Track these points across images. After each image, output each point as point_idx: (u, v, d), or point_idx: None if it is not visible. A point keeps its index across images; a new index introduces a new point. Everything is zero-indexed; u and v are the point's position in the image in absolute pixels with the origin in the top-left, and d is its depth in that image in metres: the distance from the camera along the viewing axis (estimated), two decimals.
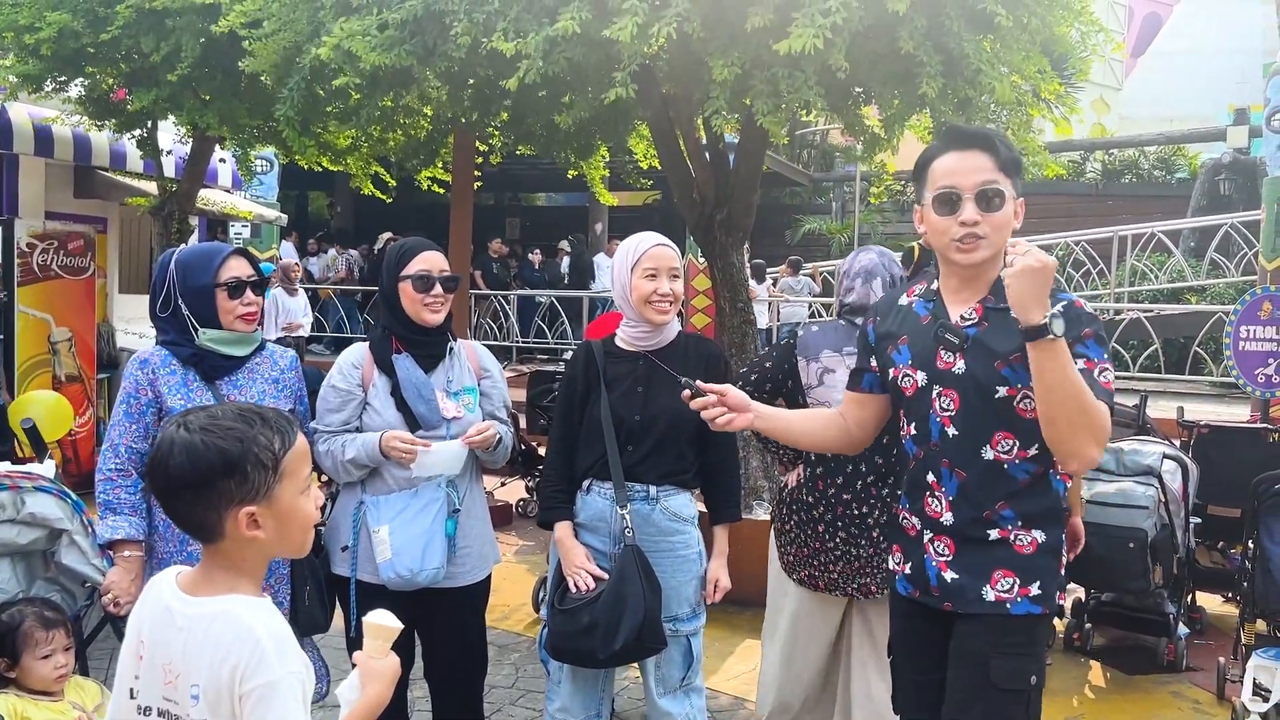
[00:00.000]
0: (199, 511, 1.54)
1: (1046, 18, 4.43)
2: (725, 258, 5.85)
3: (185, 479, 1.52)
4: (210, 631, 1.51)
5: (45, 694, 2.63)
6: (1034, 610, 2.20)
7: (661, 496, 2.90)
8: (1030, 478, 2.21)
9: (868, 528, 3.05)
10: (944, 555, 2.27)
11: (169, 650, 1.55)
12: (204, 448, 1.52)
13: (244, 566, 1.59)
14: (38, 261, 7.33)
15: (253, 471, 1.53)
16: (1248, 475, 4.32)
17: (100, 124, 7.60)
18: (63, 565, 2.81)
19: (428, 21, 4.50)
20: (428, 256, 2.98)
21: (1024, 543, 2.21)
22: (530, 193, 22.50)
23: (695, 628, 2.97)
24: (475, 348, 3.19)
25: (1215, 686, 4.46)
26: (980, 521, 2.23)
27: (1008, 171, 2.17)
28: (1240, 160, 14.16)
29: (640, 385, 2.91)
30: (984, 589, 2.21)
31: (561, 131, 6.55)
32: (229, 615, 1.52)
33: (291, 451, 1.58)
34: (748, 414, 2.37)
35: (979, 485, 2.22)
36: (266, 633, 1.51)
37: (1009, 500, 2.21)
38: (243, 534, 1.54)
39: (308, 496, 1.62)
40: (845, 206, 18.59)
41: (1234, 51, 18.58)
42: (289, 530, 1.59)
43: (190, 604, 1.56)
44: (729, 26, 4.15)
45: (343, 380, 2.98)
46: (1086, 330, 2.13)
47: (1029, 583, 2.20)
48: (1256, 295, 6.54)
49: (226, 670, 1.48)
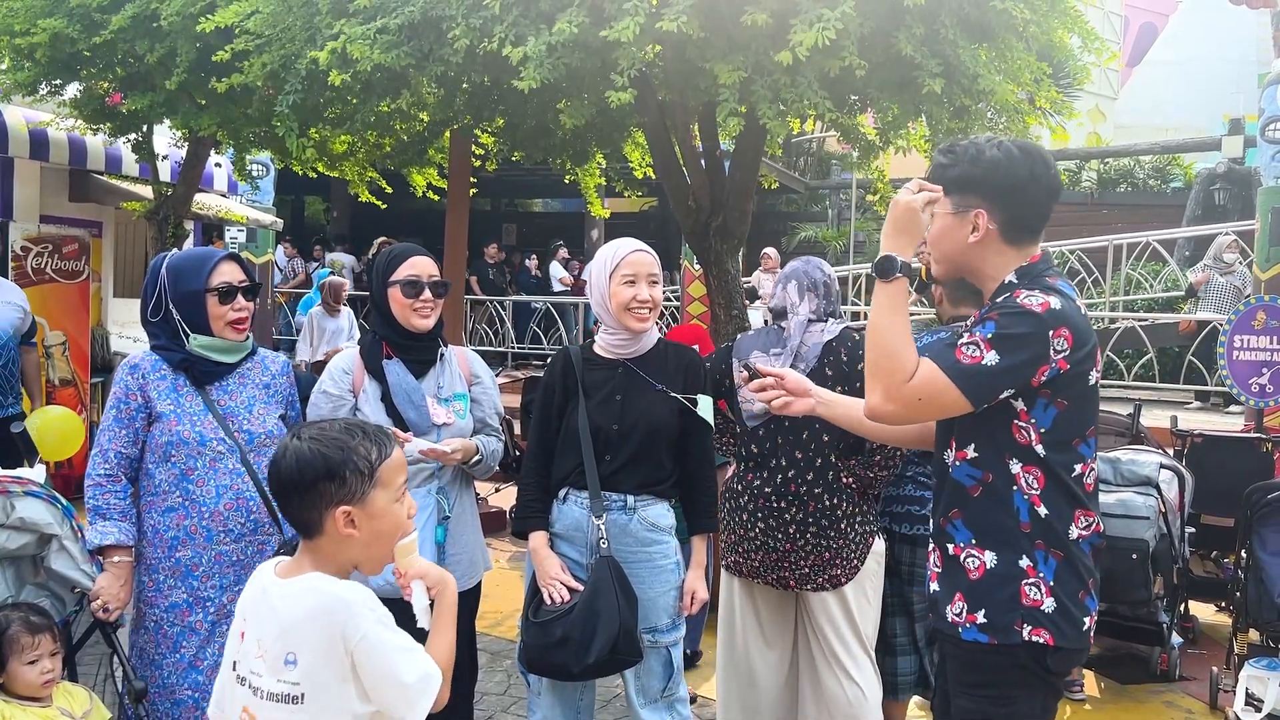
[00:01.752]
0: (304, 510, 1.80)
1: (1045, 24, 4.44)
2: (721, 264, 5.85)
3: (293, 481, 1.79)
4: (300, 602, 1.76)
5: (33, 700, 2.62)
6: (980, 639, 2.11)
7: (639, 506, 2.89)
8: (979, 487, 2.14)
9: (785, 522, 3.12)
10: (936, 566, 2.26)
11: (263, 626, 1.80)
12: (310, 454, 1.79)
13: (335, 561, 1.82)
14: (32, 265, 7.31)
15: (351, 477, 1.79)
16: (1241, 485, 4.33)
17: (95, 128, 7.58)
18: (52, 570, 2.79)
19: (424, 27, 4.50)
20: (417, 262, 2.98)
21: (973, 565, 2.15)
22: (526, 198, 22.51)
23: (675, 638, 2.96)
24: (466, 354, 3.18)
25: (1208, 696, 4.46)
26: (941, 530, 2.22)
27: (944, 189, 2.19)
28: (1235, 170, 14.19)
29: (618, 394, 2.90)
30: (947, 609, 2.19)
31: (557, 137, 6.54)
32: (316, 589, 1.77)
33: (387, 462, 1.83)
34: (808, 399, 2.39)
35: (939, 491, 2.24)
36: (349, 593, 1.76)
37: (960, 509, 2.17)
38: (340, 531, 1.79)
39: (401, 504, 1.86)
40: (841, 214, 18.60)
41: (1229, 61, 18.63)
42: (381, 531, 1.83)
43: (283, 585, 1.81)
44: (726, 33, 4.16)
45: (334, 386, 2.98)
46: (992, 314, 2.10)
47: (975, 609, 2.13)
48: (1251, 305, 6.55)
49: (331, 633, 1.73)
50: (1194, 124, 17.51)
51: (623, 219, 18.15)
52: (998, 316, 2.08)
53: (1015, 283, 2.17)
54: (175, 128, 7.02)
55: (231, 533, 2.79)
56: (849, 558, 3.12)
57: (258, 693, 1.79)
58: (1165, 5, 23.16)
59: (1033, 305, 2.07)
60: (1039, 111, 5.25)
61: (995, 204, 2.16)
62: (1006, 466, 2.12)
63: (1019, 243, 2.19)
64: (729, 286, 5.93)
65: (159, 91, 6.28)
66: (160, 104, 6.43)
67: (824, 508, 3.10)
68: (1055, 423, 2.10)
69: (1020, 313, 2.07)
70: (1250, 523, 4.04)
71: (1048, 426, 2.10)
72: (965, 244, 2.18)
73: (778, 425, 3.13)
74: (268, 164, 10.38)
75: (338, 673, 1.74)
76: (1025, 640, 2.09)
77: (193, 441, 2.77)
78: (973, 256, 2.20)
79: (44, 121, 8.33)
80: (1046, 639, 2.08)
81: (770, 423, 3.15)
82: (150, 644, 2.81)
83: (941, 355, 2.07)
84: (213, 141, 7.69)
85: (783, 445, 3.13)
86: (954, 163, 2.19)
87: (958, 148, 2.22)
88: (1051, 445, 2.11)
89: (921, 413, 2.13)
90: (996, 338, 2.05)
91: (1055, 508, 2.11)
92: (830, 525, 3.09)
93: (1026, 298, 2.09)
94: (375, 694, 1.77)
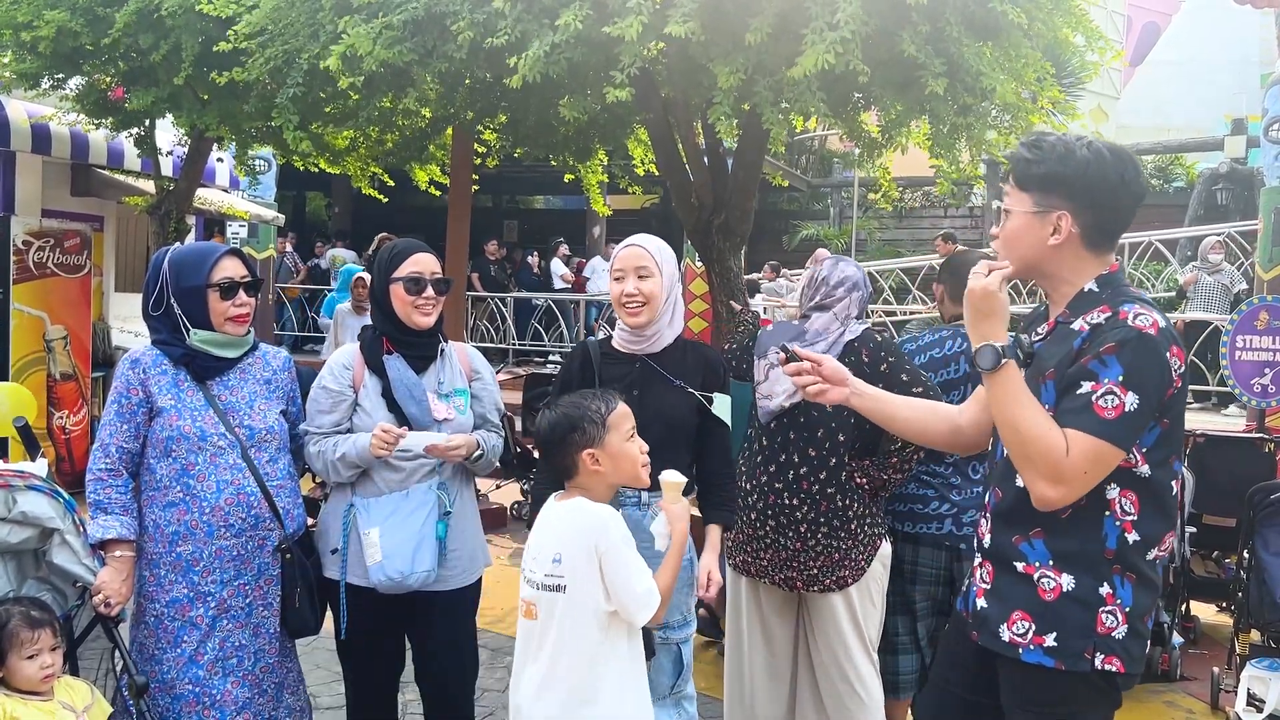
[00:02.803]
0: (561, 457, 2.42)
1: (1050, 22, 4.43)
2: (723, 262, 5.85)
3: (550, 437, 2.42)
4: (568, 518, 2.38)
5: (34, 694, 2.61)
6: (1045, 662, 2.04)
7: (654, 502, 2.88)
8: (1070, 509, 2.03)
9: (796, 520, 3.12)
10: (984, 582, 2.18)
11: (539, 537, 2.43)
12: (560, 416, 2.42)
13: (594, 493, 2.41)
14: (34, 259, 7.31)
15: (589, 426, 2.38)
16: (1243, 485, 4.32)
17: (97, 122, 7.58)
18: (54, 565, 2.78)
19: (428, 23, 4.50)
20: (419, 259, 2.96)
21: (1048, 586, 2.05)
22: (528, 195, 22.49)
23: (686, 635, 2.96)
24: (466, 350, 3.17)
25: (1209, 696, 4.45)
26: (1010, 546, 2.11)
27: (1024, 186, 2.11)
28: (1238, 170, 14.17)
29: (635, 389, 2.89)
30: (1002, 627, 2.10)
31: (559, 134, 6.54)
32: (581, 508, 2.38)
33: (615, 412, 2.42)
34: (844, 389, 2.34)
35: (1012, 508, 2.12)
36: (605, 513, 2.37)
37: (1045, 529, 2.07)
38: (590, 469, 2.40)
39: (632, 442, 2.44)
40: (843, 212, 18.58)
41: (1232, 61, 18.61)
42: (621, 465, 2.42)
43: (559, 505, 2.43)
44: (730, 33, 4.15)
45: (334, 381, 2.96)
46: (1109, 345, 1.96)
47: (1044, 631, 2.05)
48: (1253, 305, 6.54)
49: (587, 540, 2.32)
50: (1196, 124, 17.48)
51: (625, 216, 18.14)
52: (1118, 350, 1.96)
53: (1099, 294, 2.07)
54: (178, 124, 7.02)
55: (232, 528, 2.79)
56: (856, 559, 3.12)
57: (532, 584, 2.37)
58: (1168, 5, 23.13)
59: (1146, 327, 1.97)
60: (1042, 110, 5.25)
61: (1081, 206, 2.06)
62: (1103, 491, 2.03)
63: (1100, 249, 2.10)
64: (731, 284, 5.92)
65: (162, 87, 6.28)
66: (164, 100, 6.42)
67: (836, 508, 3.09)
68: (1158, 441, 2.03)
69: (1140, 339, 1.96)
70: (1252, 523, 4.04)
71: (1150, 446, 2.03)
72: (1044, 246, 2.09)
73: (792, 422, 3.13)
74: (269, 159, 10.37)
75: (589, 571, 2.30)
76: (1096, 669, 2.03)
77: (193, 437, 2.77)
78: (1049, 259, 2.10)
79: (46, 116, 8.33)
80: (1118, 667, 2.04)
81: (784, 418, 3.14)
82: (150, 639, 2.81)
83: (1085, 420, 1.95)
84: (215, 137, 7.68)
85: (795, 442, 3.13)
86: (1040, 159, 2.08)
87: (1044, 143, 2.11)
88: (1156, 464, 2.03)
89: (1091, 484, 1.99)
90: (1129, 378, 1.95)
91: (1147, 532, 2.05)
92: (841, 525, 3.09)
93: (1136, 318, 1.98)
94: (613, 593, 2.30)
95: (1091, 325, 2.02)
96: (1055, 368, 2.05)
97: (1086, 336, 2.02)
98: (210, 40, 5.53)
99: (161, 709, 2.77)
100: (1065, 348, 2.05)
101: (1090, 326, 2.03)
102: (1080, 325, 2.04)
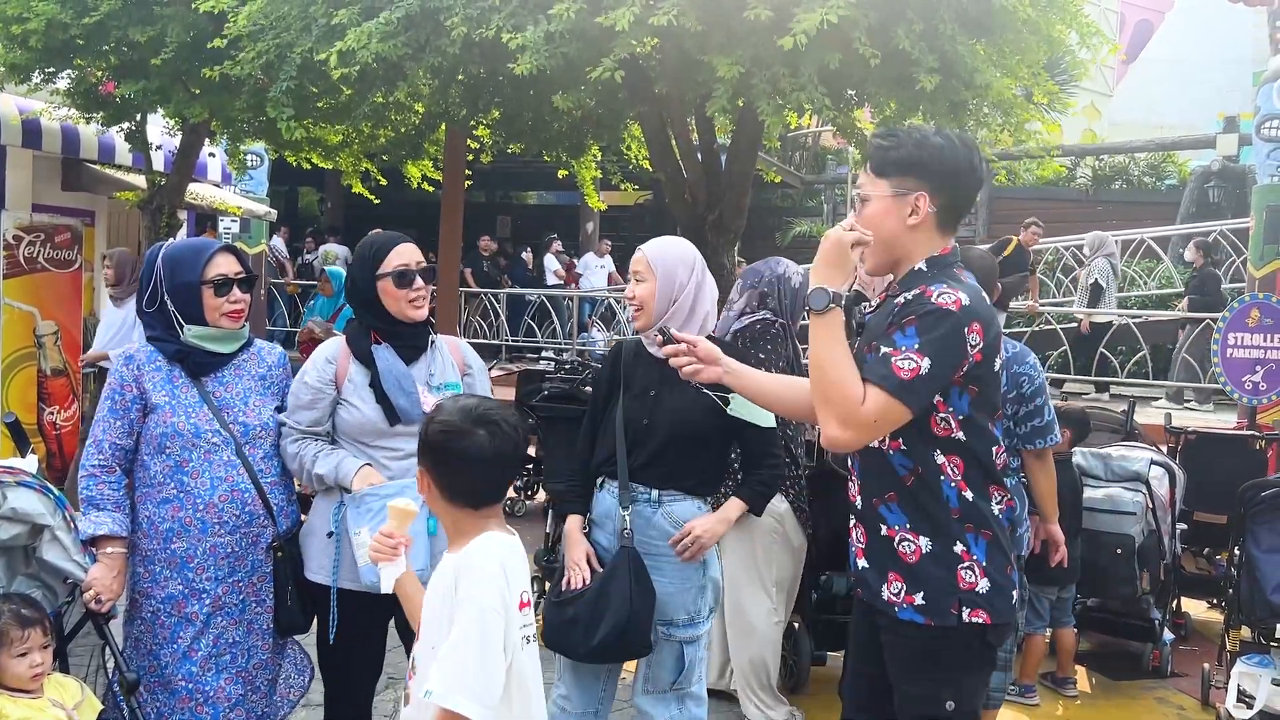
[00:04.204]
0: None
1: (1045, 18, 4.44)
2: (716, 259, 5.84)
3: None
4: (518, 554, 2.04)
5: (23, 691, 2.60)
6: (916, 619, 2.20)
7: (665, 501, 2.89)
8: (911, 475, 2.22)
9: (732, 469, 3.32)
10: (860, 542, 2.34)
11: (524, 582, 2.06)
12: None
13: None
14: (24, 254, 7.26)
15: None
16: (1234, 482, 4.33)
17: (88, 117, 7.54)
18: (44, 561, 2.77)
19: (421, 18, 4.49)
20: (402, 250, 2.90)
21: (908, 550, 2.23)
22: (521, 191, 22.44)
23: (691, 635, 2.92)
24: (459, 344, 3.14)
25: (1200, 692, 4.47)
26: (873, 509, 2.27)
27: (880, 172, 2.25)
28: (1230, 168, 14.21)
29: (654, 389, 2.91)
30: (883, 586, 2.26)
31: (553, 130, 6.53)
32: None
33: None
34: (717, 368, 2.45)
35: (870, 470, 2.29)
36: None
37: (897, 494, 2.24)
38: None
39: None
40: (836, 209, 18.58)
41: (1224, 60, 18.65)
42: None
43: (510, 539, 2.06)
44: (725, 26, 4.15)
45: (316, 376, 2.89)
46: (909, 317, 2.14)
47: (914, 591, 2.21)
48: (1245, 303, 6.56)
49: None
50: (1189, 122, 17.52)
51: (618, 212, 18.11)
52: (917, 321, 2.13)
53: (925, 272, 2.23)
54: (168, 116, 6.99)
55: (226, 525, 2.78)
56: None
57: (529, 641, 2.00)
58: (1161, 2, 23.19)
59: (947, 304, 2.13)
60: (1036, 106, 5.26)
61: (937, 188, 2.22)
62: (932, 458, 2.20)
63: (947, 229, 2.26)
64: (724, 281, 5.92)
65: (152, 79, 6.25)
66: (153, 91, 6.39)
67: None
68: (970, 408, 2.20)
69: (938, 313, 2.13)
70: (1243, 520, 4.05)
71: (965, 413, 2.20)
72: (903, 226, 2.23)
73: None
74: (262, 154, 10.35)
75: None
76: (965, 622, 2.19)
77: (188, 433, 2.76)
78: (907, 239, 2.24)
79: (37, 110, 8.29)
80: (984, 618, 2.20)
81: None
82: (146, 634, 2.80)
83: (880, 374, 2.12)
84: (207, 131, 7.65)
85: None
86: (897, 145, 2.23)
87: (900, 132, 2.28)
88: (970, 430, 2.21)
89: (877, 434, 2.18)
90: (925, 344, 2.11)
91: (978, 489, 2.23)
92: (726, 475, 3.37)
93: (940, 295, 2.14)
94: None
95: (906, 300, 2.18)
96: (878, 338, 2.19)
97: (898, 310, 2.18)
98: (201, 33, 5.51)
99: (155, 705, 2.77)
100: (887, 319, 2.20)
101: (905, 301, 2.18)
102: (901, 299, 2.21)
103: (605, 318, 13.57)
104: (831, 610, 4.28)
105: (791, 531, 3.95)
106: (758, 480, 3.01)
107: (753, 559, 3.91)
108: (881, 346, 2.16)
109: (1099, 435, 5.31)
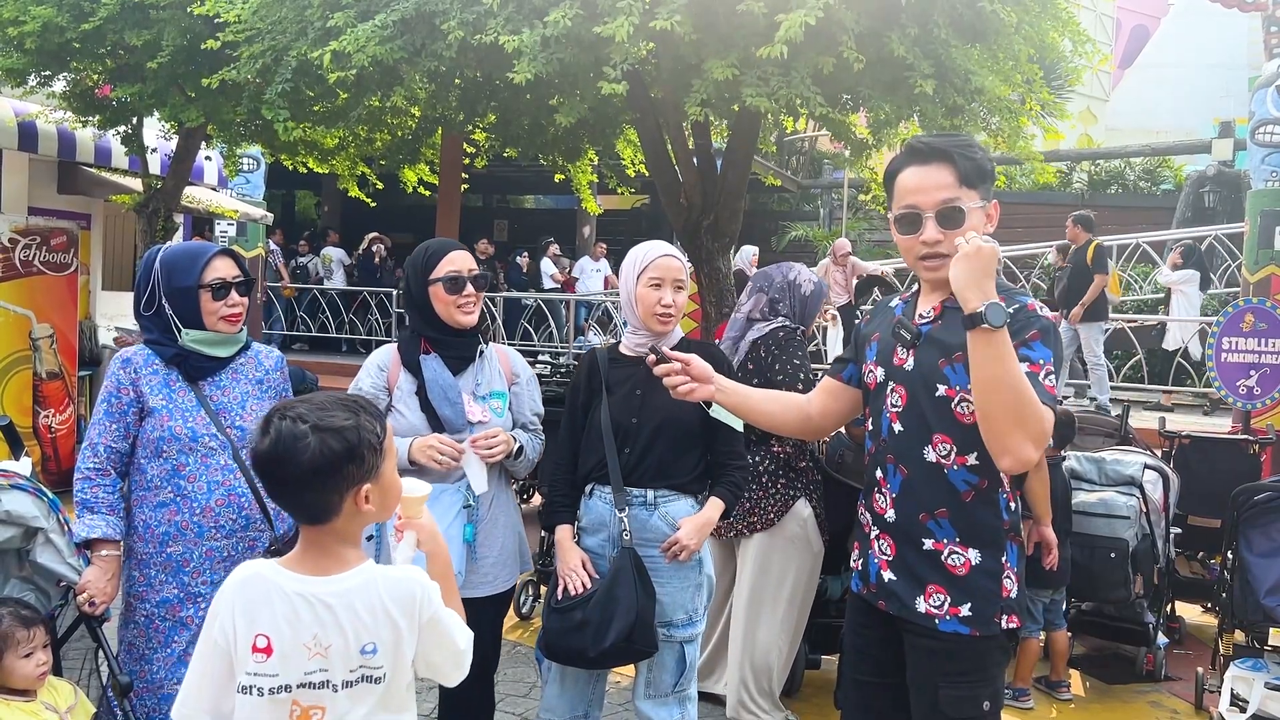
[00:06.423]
0: (324, 495, 1.75)
1: (1037, 25, 4.46)
2: (711, 263, 5.86)
3: (316, 469, 1.71)
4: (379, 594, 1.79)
5: (19, 694, 2.60)
6: (961, 630, 2.19)
7: (660, 502, 2.90)
8: (972, 490, 2.18)
9: (758, 474, 3.79)
10: (886, 554, 2.29)
11: (311, 630, 1.76)
12: (332, 440, 1.72)
13: (351, 538, 1.83)
14: (20, 257, 7.26)
15: (368, 455, 1.75)
16: (1228, 486, 4.34)
17: (84, 120, 7.55)
18: (38, 564, 2.77)
19: (418, 22, 4.50)
20: (455, 257, 2.95)
21: (957, 562, 2.20)
22: (518, 195, 22.46)
23: (690, 634, 2.96)
24: (507, 352, 3.15)
25: (1194, 696, 4.48)
26: (918, 523, 2.22)
27: (970, 183, 2.17)
28: (1225, 173, 14.26)
29: (639, 389, 2.92)
30: (918, 599, 2.23)
31: (549, 134, 6.54)
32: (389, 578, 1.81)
33: (388, 431, 1.83)
34: (709, 385, 2.44)
35: (921, 484, 2.22)
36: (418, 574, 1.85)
37: (950, 510, 2.19)
38: (359, 509, 1.77)
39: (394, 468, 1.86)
40: (833, 213, 18.61)
41: (1220, 65, 18.72)
42: (388, 501, 1.85)
43: (330, 583, 1.79)
44: (719, 31, 4.16)
45: (369, 383, 2.96)
46: (1033, 332, 2.09)
47: (959, 603, 2.19)
48: (1240, 307, 6.58)
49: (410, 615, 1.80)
50: (1184, 127, 17.59)
51: (615, 216, 18.13)
52: (1041, 336, 2.10)
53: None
54: (164, 119, 6.99)
55: (223, 529, 2.78)
56: (766, 510, 3.81)
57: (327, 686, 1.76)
58: (1157, 8, 23.25)
59: (1048, 315, 2.15)
60: (1031, 112, 5.27)
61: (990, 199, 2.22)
62: (998, 471, 2.15)
63: None
64: (720, 285, 5.93)
65: (148, 82, 6.26)
66: (149, 94, 6.40)
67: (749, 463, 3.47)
68: None
69: (1051, 327, 2.13)
70: (1237, 524, 4.06)
71: None
72: None
73: None
74: (258, 158, 10.34)
75: (410, 649, 1.82)
76: (1004, 629, 2.22)
77: (184, 437, 2.76)
78: None
79: (33, 113, 8.29)
80: (1016, 622, 2.25)
81: None
82: (141, 638, 2.80)
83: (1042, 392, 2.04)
84: (203, 134, 7.65)
85: None
86: (981, 156, 2.20)
87: (974, 141, 2.24)
88: None
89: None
90: (1056, 359, 2.11)
91: (1017, 497, 2.27)
92: (752, 479, 3.74)
93: (1040, 308, 2.15)
94: (432, 660, 1.87)
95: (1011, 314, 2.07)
96: (963, 351, 2.09)
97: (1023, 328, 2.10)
98: (197, 37, 5.52)
99: (148, 709, 2.76)
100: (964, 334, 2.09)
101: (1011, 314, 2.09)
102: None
103: (602, 321, 13.58)
104: (825, 614, 4.28)
105: (813, 536, 3.94)
106: (731, 481, 3.02)
107: (770, 564, 3.88)
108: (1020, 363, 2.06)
109: (1093, 440, 5.33)
